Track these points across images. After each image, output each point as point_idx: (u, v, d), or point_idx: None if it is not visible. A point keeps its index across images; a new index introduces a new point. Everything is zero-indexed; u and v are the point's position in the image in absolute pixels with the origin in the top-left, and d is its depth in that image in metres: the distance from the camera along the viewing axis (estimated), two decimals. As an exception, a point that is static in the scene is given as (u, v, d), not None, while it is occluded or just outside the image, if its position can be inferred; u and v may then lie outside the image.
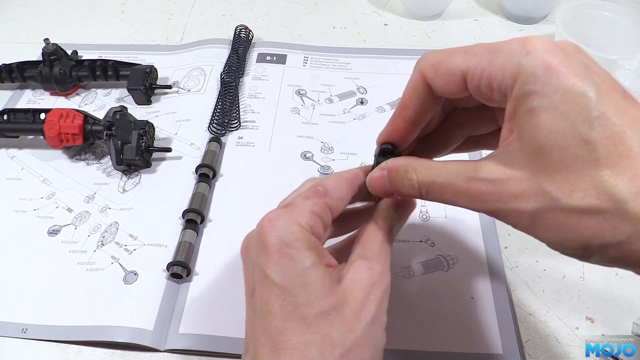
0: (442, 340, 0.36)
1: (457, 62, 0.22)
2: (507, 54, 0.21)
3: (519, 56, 0.20)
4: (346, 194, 0.27)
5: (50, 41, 0.54)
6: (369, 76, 0.57)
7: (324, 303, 0.23)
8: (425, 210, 0.44)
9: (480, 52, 0.22)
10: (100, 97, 0.56)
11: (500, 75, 0.21)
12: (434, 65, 0.23)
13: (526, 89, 0.20)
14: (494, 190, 0.21)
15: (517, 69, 0.20)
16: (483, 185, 0.21)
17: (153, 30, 0.65)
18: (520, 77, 0.20)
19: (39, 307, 0.39)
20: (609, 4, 0.55)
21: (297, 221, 0.24)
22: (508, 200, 0.20)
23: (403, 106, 0.26)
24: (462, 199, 0.22)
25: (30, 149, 0.51)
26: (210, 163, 0.47)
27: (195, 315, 0.38)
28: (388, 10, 0.67)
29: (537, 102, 0.19)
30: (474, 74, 0.22)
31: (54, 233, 0.44)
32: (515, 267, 0.41)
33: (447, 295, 0.39)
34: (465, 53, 0.22)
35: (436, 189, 0.23)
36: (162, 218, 0.44)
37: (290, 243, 0.23)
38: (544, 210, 0.19)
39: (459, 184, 0.22)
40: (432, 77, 0.24)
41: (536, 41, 0.20)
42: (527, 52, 0.20)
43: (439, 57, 0.23)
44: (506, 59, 0.20)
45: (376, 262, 0.25)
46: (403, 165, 0.24)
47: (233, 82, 0.55)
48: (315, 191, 0.26)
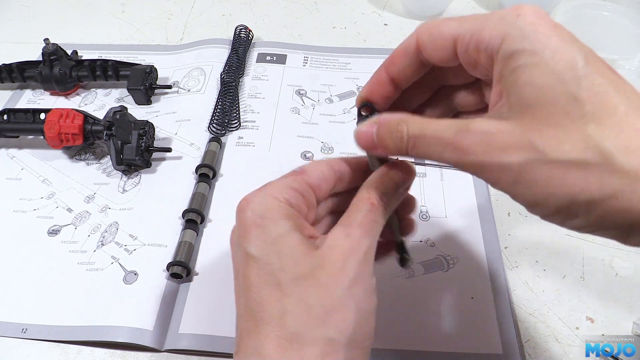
0: (442, 340, 0.36)
1: (450, 27, 0.23)
2: (498, 17, 0.21)
3: (510, 18, 0.21)
4: (328, 174, 0.27)
5: (50, 41, 0.54)
6: (369, 76, 0.57)
7: (298, 268, 0.23)
8: (425, 210, 0.44)
9: (474, 18, 0.22)
10: (100, 97, 0.56)
11: (488, 36, 0.21)
12: (429, 29, 0.24)
13: (513, 47, 0.20)
14: (482, 141, 0.20)
15: (506, 29, 0.20)
16: (472, 136, 0.21)
17: (153, 30, 0.65)
18: (509, 36, 0.20)
19: (39, 307, 0.39)
20: (609, 4, 0.55)
21: (272, 194, 0.24)
22: (495, 153, 0.20)
23: (390, 61, 0.26)
24: (448, 151, 0.21)
25: (30, 149, 0.51)
26: (210, 163, 0.47)
27: (195, 315, 0.38)
28: (388, 10, 0.67)
29: (525, 59, 0.20)
30: (464, 38, 0.22)
31: (54, 233, 0.44)
32: (515, 267, 0.41)
33: (447, 295, 0.39)
34: (460, 20, 0.23)
35: (424, 141, 0.22)
36: (162, 218, 0.44)
37: (264, 214, 0.24)
38: (531, 163, 0.19)
39: (448, 136, 0.21)
40: (426, 40, 0.24)
41: (528, 7, 0.21)
42: (517, 15, 0.20)
43: (437, 22, 0.24)
44: (496, 22, 0.21)
45: (356, 228, 0.24)
46: (395, 118, 0.24)
47: (233, 82, 0.55)
48: (293, 171, 0.26)
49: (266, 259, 0.23)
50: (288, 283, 0.22)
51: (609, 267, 0.41)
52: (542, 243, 0.42)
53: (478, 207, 0.44)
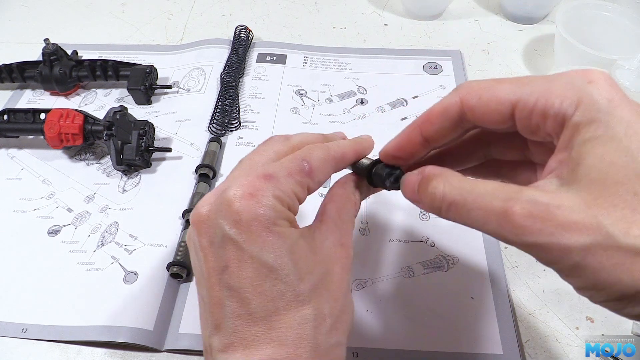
0: (442, 340, 0.36)
1: (507, 91, 0.21)
2: (568, 82, 0.20)
3: (582, 84, 0.19)
4: (328, 175, 0.26)
5: (50, 41, 0.54)
6: (369, 76, 0.57)
7: (313, 277, 0.23)
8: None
9: (534, 80, 0.21)
10: (100, 97, 0.56)
11: (558, 102, 0.20)
12: (479, 92, 0.22)
13: (589, 116, 0.19)
14: (538, 215, 0.18)
15: (580, 96, 0.19)
16: (525, 207, 0.18)
17: (153, 30, 0.65)
18: (583, 104, 0.19)
19: (39, 307, 0.39)
20: (609, 4, 0.55)
21: (279, 197, 0.23)
22: (555, 231, 0.18)
23: (426, 120, 0.24)
24: (493, 222, 0.19)
25: (30, 149, 0.51)
26: (210, 163, 0.47)
27: (195, 315, 0.38)
28: (388, 10, 0.67)
29: (599, 131, 0.18)
30: (527, 102, 0.20)
31: (54, 233, 0.44)
32: (515, 267, 0.41)
33: (447, 295, 0.39)
34: (517, 82, 0.21)
35: (464, 206, 0.20)
36: (162, 218, 0.44)
37: (276, 221, 0.22)
38: (598, 247, 0.17)
39: (494, 203, 0.19)
40: (474, 104, 0.22)
41: (598, 74, 0.20)
42: (589, 81, 0.19)
43: (486, 85, 0.22)
44: (566, 87, 0.20)
45: (347, 236, 0.26)
46: (433, 173, 0.23)
47: (233, 82, 0.55)
48: (300, 168, 0.24)
49: (284, 269, 0.22)
50: (307, 294, 0.22)
51: (609, 267, 0.41)
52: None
53: (478, 207, 0.44)
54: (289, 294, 0.22)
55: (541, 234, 0.18)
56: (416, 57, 0.59)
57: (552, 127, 0.20)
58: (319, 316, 0.22)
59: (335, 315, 0.23)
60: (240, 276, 0.22)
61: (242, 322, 0.22)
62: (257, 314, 0.22)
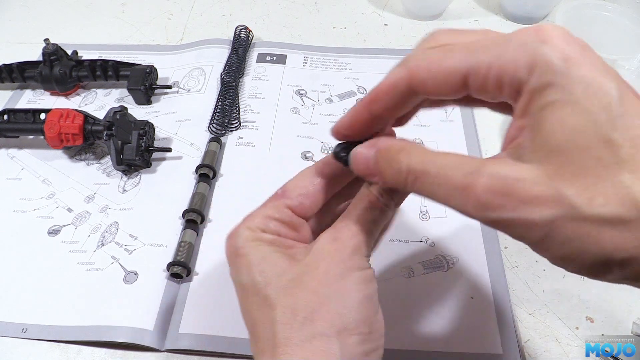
0: (442, 340, 0.36)
1: (457, 61, 0.20)
2: (519, 44, 0.18)
3: (534, 46, 0.18)
4: (310, 188, 0.26)
5: (50, 41, 0.54)
6: (369, 76, 0.57)
7: (282, 279, 0.23)
8: (425, 210, 0.44)
9: (485, 46, 0.19)
10: (100, 97, 0.56)
11: (512, 67, 0.18)
12: (428, 65, 0.21)
13: (544, 80, 0.17)
14: (500, 190, 0.18)
15: (533, 60, 0.18)
16: (487, 181, 0.18)
17: (153, 30, 0.65)
18: (537, 68, 0.18)
19: (39, 307, 0.39)
20: (609, 4, 0.55)
21: (248, 227, 0.25)
22: (517, 206, 0.17)
23: (373, 99, 0.23)
24: (455, 196, 0.19)
25: (30, 149, 0.51)
26: (210, 163, 0.47)
27: (195, 315, 0.38)
28: (388, 10, 0.67)
29: (556, 95, 0.17)
30: (479, 71, 0.19)
31: (54, 233, 0.44)
32: (515, 267, 0.41)
33: (447, 295, 0.39)
34: (467, 49, 0.20)
35: (427, 179, 0.20)
36: (162, 218, 0.44)
37: (242, 244, 0.24)
38: (562, 220, 0.17)
39: (457, 177, 0.19)
40: (424, 77, 0.21)
41: (551, 30, 0.18)
42: (542, 40, 0.18)
43: (435, 56, 0.21)
44: (518, 50, 0.18)
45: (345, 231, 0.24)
46: (396, 146, 0.22)
47: (233, 82, 0.55)
48: (274, 195, 0.26)
49: (252, 282, 0.23)
50: (275, 296, 0.23)
51: (609, 267, 0.41)
52: (542, 243, 0.42)
53: (478, 207, 0.44)
54: (260, 300, 0.23)
55: (504, 210, 0.18)
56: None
57: (509, 93, 0.19)
58: (287, 312, 0.22)
59: (311, 308, 0.22)
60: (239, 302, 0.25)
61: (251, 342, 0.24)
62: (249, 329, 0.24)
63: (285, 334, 0.22)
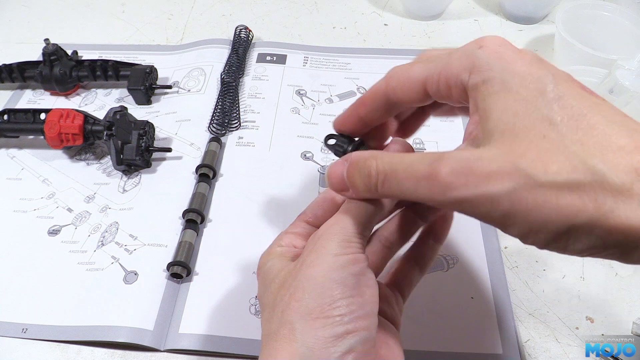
0: (442, 340, 0.36)
1: (417, 70, 0.23)
2: (462, 52, 0.21)
3: (473, 51, 0.21)
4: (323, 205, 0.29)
5: (50, 41, 0.54)
6: (369, 76, 0.57)
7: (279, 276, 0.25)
8: (425, 210, 0.44)
9: (438, 56, 0.23)
10: (101, 97, 0.56)
11: (456, 72, 0.21)
12: (397, 74, 0.25)
13: (482, 76, 0.20)
14: (461, 171, 0.19)
15: (472, 62, 0.21)
16: (448, 165, 0.19)
17: (153, 30, 0.65)
18: (475, 68, 0.20)
19: (39, 307, 0.39)
20: (609, 4, 0.55)
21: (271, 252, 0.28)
22: (478, 182, 0.18)
23: (360, 103, 0.27)
24: (422, 186, 0.20)
25: (31, 149, 0.51)
26: (211, 163, 0.47)
27: (195, 315, 0.38)
28: (388, 10, 0.67)
29: (495, 87, 0.20)
30: (432, 78, 0.23)
31: (54, 233, 0.44)
32: (515, 267, 0.41)
33: (447, 295, 0.39)
34: (425, 61, 0.23)
35: (394, 177, 0.22)
36: (162, 218, 0.44)
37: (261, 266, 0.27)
38: (521, 190, 0.18)
39: (421, 168, 0.20)
40: (394, 85, 0.25)
41: (489, 38, 0.21)
42: (480, 46, 0.21)
43: (404, 67, 0.24)
44: (462, 57, 0.21)
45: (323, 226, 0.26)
46: (363, 155, 0.24)
47: (233, 82, 0.55)
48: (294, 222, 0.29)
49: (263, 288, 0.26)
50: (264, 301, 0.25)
51: (608, 267, 0.41)
52: (542, 243, 0.42)
53: (478, 207, 0.44)
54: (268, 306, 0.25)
55: (467, 187, 0.19)
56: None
57: (458, 94, 0.22)
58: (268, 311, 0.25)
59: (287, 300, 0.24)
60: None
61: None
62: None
63: (265, 331, 0.24)
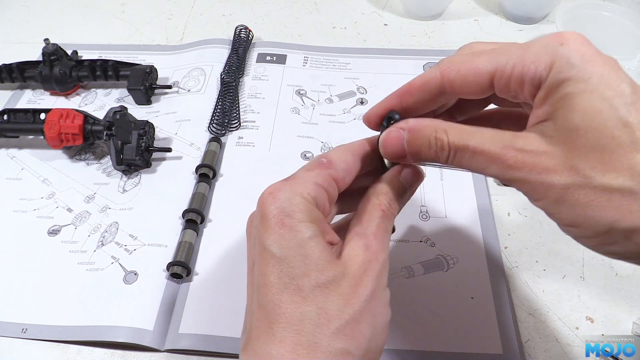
0: (442, 340, 0.36)
1: (485, 62, 0.22)
2: (541, 47, 0.21)
3: (554, 47, 0.20)
4: (352, 165, 0.26)
5: (50, 41, 0.54)
6: (369, 76, 0.57)
7: (321, 275, 0.22)
8: (425, 210, 0.44)
9: (511, 49, 0.22)
10: (100, 97, 0.56)
11: (533, 67, 0.21)
12: (458, 66, 0.23)
13: (562, 75, 0.20)
14: (529, 161, 0.20)
15: (552, 59, 0.20)
16: (519, 154, 0.21)
17: (153, 30, 0.65)
18: (556, 65, 0.20)
19: (39, 307, 0.39)
20: (609, 4, 0.55)
21: (298, 192, 0.23)
22: (541, 172, 0.20)
23: (406, 92, 0.26)
24: (493, 166, 0.22)
25: (30, 149, 0.51)
26: (210, 163, 0.47)
27: (195, 315, 0.38)
28: (388, 10, 0.67)
29: (573, 87, 0.20)
30: (504, 70, 0.22)
31: (54, 233, 0.44)
32: (515, 267, 0.41)
33: (447, 295, 0.39)
34: (493, 52, 0.22)
35: (466, 153, 0.22)
36: (162, 218, 0.44)
37: (291, 214, 0.23)
38: (575, 186, 0.19)
39: (494, 150, 0.21)
40: (453, 77, 0.23)
41: (569, 34, 0.21)
42: (561, 43, 0.20)
43: (464, 58, 0.23)
44: (540, 51, 0.21)
45: (373, 239, 0.24)
46: (430, 126, 0.24)
47: (233, 82, 0.55)
48: (318, 162, 0.25)
49: (290, 261, 0.22)
50: (309, 290, 0.22)
51: (608, 267, 0.41)
52: (542, 243, 0.42)
53: (478, 207, 0.44)
54: (292, 287, 0.22)
55: (530, 173, 0.21)
56: (416, 57, 0.59)
57: (530, 91, 0.22)
58: (322, 315, 0.22)
59: (344, 320, 0.22)
60: (259, 270, 0.23)
61: (255, 318, 0.23)
62: (264, 306, 0.22)
63: (314, 337, 0.21)
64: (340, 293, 0.22)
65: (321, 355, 0.21)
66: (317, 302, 0.22)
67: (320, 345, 0.21)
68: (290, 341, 0.21)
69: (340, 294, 0.22)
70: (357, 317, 0.22)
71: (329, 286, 0.22)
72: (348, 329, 0.22)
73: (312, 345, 0.21)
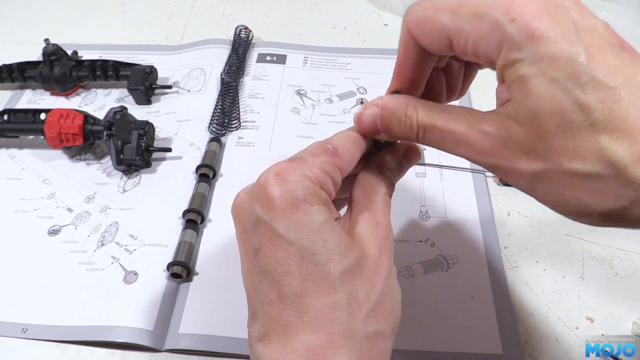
0: (442, 340, 0.36)
1: (443, 22, 0.21)
2: (492, 21, 0.19)
3: (503, 23, 0.19)
4: (355, 154, 0.26)
5: (50, 41, 0.54)
6: (369, 76, 0.57)
7: (345, 259, 0.22)
8: (425, 210, 0.44)
9: (466, 14, 0.20)
10: (101, 97, 0.56)
11: (485, 43, 0.20)
12: (420, 21, 0.22)
13: (511, 57, 0.19)
14: (496, 145, 0.20)
15: (501, 37, 0.19)
16: (485, 138, 0.20)
17: (153, 30, 0.65)
18: (505, 46, 0.19)
19: (39, 307, 0.39)
20: (609, 4, 0.55)
21: (307, 175, 0.22)
22: (509, 157, 0.20)
23: (399, 66, 0.25)
24: (461, 147, 0.21)
25: (31, 149, 0.51)
26: (211, 163, 0.47)
27: (195, 315, 0.38)
28: (388, 10, 0.67)
29: (524, 70, 0.19)
30: (460, 38, 0.21)
31: (54, 233, 0.44)
32: (515, 267, 0.41)
33: (447, 295, 0.39)
34: (452, 13, 0.21)
35: (436, 132, 0.22)
36: (162, 218, 0.44)
37: (304, 197, 0.22)
38: (544, 173, 0.19)
39: (460, 131, 0.21)
40: (418, 33, 0.22)
41: (522, 5, 0.19)
42: (511, 19, 0.19)
43: (425, 13, 0.22)
44: (490, 27, 0.19)
45: (382, 215, 0.24)
46: (401, 103, 0.23)
47: (233, 82, 0.55)
48: (325, 149, 0.24)
49: (311, 248, 0.21)
50: (337, 276, 0.21)
51: (608, 267, 0.41)
52: (542, 243, 0.42)
53: (478, 207, 0.44)
54: (317, 274, 0.21)
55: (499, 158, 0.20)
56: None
57: (486, 63, 0.21)
58: (352, 301, 0.21)
59: (373, 301, 0.22)
60: (270, 257, 0.22)
61: (275, 308, 0.22)
62: (287, 296, 0.21)
63: (349, 325, 0.21)
64: (365, 276, 0.22)
65: (358, 341, 0.21)
66: (346, 288, 0.21)
67: (356, 332, 0.21)
68: (325, 330, 0.21)
69: (365, 277, 0.22)
70: (382, 296, 0.22)
71: (354, 269, 0.22)
72: (377, 310, 0.22)
73: (348, 333, 0.21)
